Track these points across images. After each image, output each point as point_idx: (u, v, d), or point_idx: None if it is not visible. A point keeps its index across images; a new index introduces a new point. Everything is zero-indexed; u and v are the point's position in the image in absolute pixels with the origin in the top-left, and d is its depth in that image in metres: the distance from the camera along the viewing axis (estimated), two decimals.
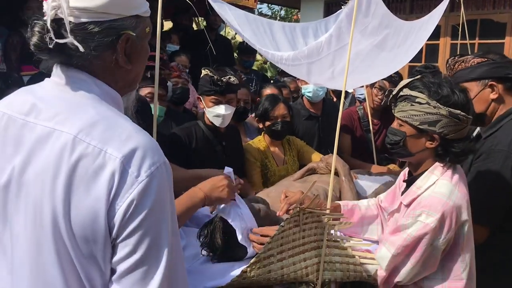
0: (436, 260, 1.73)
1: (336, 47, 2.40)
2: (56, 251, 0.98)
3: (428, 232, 1.67)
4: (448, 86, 1.72)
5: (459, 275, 1.73)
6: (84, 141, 0.96)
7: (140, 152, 0.97)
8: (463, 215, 1.71)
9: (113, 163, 0.94)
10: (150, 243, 0.97)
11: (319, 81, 2.78)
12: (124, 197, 0.94)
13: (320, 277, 1.82)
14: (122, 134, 0.98)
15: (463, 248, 1.73)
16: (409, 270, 1.74)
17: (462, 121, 1.68)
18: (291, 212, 1.78)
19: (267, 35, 2.77)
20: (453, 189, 1.71)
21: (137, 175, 0.95)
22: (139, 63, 1.14)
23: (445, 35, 7.61)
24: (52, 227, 0.96)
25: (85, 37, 1.01)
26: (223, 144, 2.82)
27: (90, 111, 1.01)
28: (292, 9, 14.41)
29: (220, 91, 2.66)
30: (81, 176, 0.94)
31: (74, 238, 0.96)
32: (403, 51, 2.65)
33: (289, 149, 3.20)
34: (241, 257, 1.95)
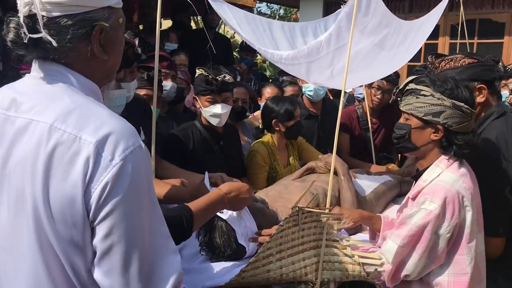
0: (442, 250, 1.72)
1: (335, 46, 2.40)
2: (37, 238, 1.00)
3: (431, 219, 1.69)
4: (453, 82, 1.77)
5: (465, 268, 1.72)
6: (60, 128, 0.98)
7: (114, 136, 0.99)
8: (466, 203, 1.71)
9: (87, 148, 0.97)
10: (127, 225, 0.99)
11: (318, 80, 2.78)
12: (99, 180, 0.96)
13: (319, 276, 1.81)
14: (97, 120, 1.00)
15: (468, 240, 1.72)
16: (416, 262, 1.73)
17: (466, 114, 1.71)
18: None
19: (267, 35, 2.77)
20: (458, 179, 1.74)
21: (111, 159, 0.97)
22: (115, 54, 1.17)
23: (444, 35, 7.61)
24: (33, 214, 0.99)
25: (59, 30, 1.04)
26: (220, 144, 2.82)
27: (65, 100, 1.04)
28: (291, 8, 14.41)
29: (215, 90, 2.65)
30: (58, 163, 0.97)
31: (54, 223, 0.98)
32: (402, 51, 2.65)
33: (292, 149, 3.20)
34: (240, 256, 1.95)
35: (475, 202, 1.74)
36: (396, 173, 3.09)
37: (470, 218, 1.72)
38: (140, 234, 1.01)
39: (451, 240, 1.73)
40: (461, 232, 1.72)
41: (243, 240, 1.91)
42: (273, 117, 3.00)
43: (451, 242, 1.73)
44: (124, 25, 1.19)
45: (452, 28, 7.30)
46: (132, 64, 2.26)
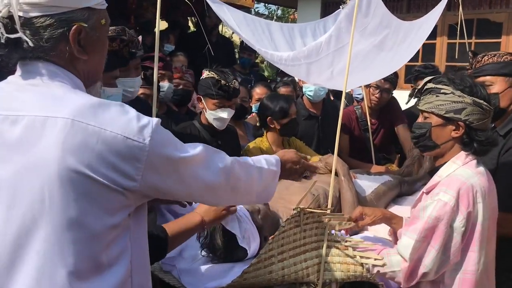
0: (458, 245, 1.71)
1: (335, 47, 2.40)
2: (67, 220, 1.01)
3: (447, 211, 1.69)
4: (471, 80, 1.81)
5: (474, 265, 1.72)
6: (82, 122, 1.01)
7: (133, 123, 1.05)
8: (479, 199, 1.72)
9: (115, 138, 1.02)
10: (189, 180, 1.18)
11: (318, 81, 2.78)
12: (141, 164, 1.04)
13: (321, 277, 1.81)
14: (111, 113, 1.05)
15: (479, 237, 1.72)
16: (434, 258, 1.71)
17: (486, 111, 1.75)
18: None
19: (266, 36, 2.76)
20: (473, 175, 1.75)
21: (143, 139, 1.04)
22: (96, 54, 1.17)
23: (442, 35, 7.62)
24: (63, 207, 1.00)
25: (36, 30, 1.05)
26: (218, 143, 2.83)
27: (73, 96, 1.06)
28: (289, 9, 14.41)
29: (227, 96, 2.68)
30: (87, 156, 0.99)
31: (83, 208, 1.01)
32: (402, 51, 2.66)
33: (289, 148, 3.20)
34: (241, 258, 1.95)
35: (488, 201, 1.74)
36: (396, 173, 3.09)
37: (481, 214, 1.72)
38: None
39: (465, 235, 1.72)
40: (473, 227, 1.72)
41: (244, 242, 1.91)
42: (268, 114, 3.03)
43: (465, 237, 1.72)
44: (108, 28, 1.20)
45: (450, 28, 7.32)
46: (127, 63, 2.26)
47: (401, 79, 6.73)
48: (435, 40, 7.64)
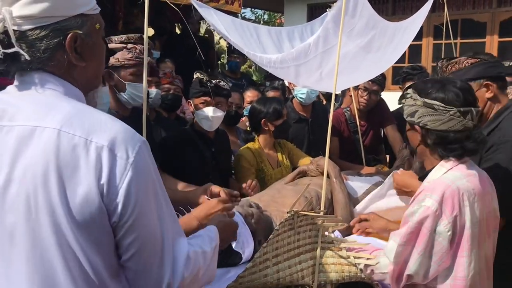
0: (446, 250, 1.66)
1: (323, 49, 2.41)
2: (57, 242, 1.01)
3: (429, 215, 1.64)
4: (438, 82, 1.76)
5: (463, 271, 1.68)
6: (69, 133, 1.00)
7: (121, 136, 1.03)
8: (466, 202, 1.65)
9: (101, 151, 1.00)
10: (149, 217, 1.07)
11: (307, 83, 2.79)
12: (121, 181, 1.01)
13: (315, 279, 1.81)
14: (101, 124, 1.04)
15: (469, 241, 1.66)
16: (416, 260, 1.67)
17: (439, 111, 1.67)
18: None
19: (254, 39, 2.77)
20: (461, 177, 1.69)
21: (126, 158, 1.02)
22: (95, 60, 1.17)
23: (428, 35, 7.72)
24: (50, 219, 1.00)
25: (32, 43, 1.05)
26: (212, 150, 2.81)
27: (65, 106, 1.05)
28: (275, 13, 14.48)
29: (208, 92, 2.67)
30: (72, 168, 0.99)
31: (75, 226, 1.00)
32: (389, 52, 2.68)
33: (282, 152, 3.21)
34: (235, 262, 1.94)
35: (480, 204, 1.69)
36: (387, 174, 3.10)
37: (469, 217, 1.66)
38: (159, 222, 1.10)
39: (454, 240, 1.67)
40: (462, 231, 1.67)
41: (238, 247, 1.90)
42: (261, 117, 3.05)
43: (454, 242, 1.67)
44: (103, 31, 1.20)
45: (436, 28, 7.40)
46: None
47: (389, 80, 6.80)
48: (421, 41, 7.73)
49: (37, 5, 1.04)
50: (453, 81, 1.75)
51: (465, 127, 1.67)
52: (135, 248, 1.06)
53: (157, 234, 1.09)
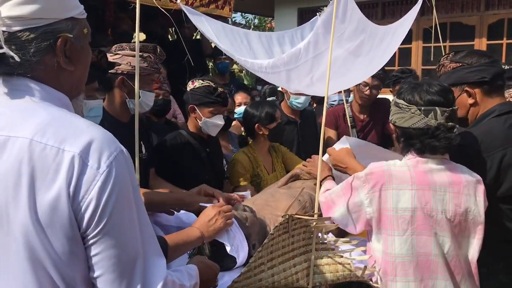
0: (362, 214, 1.84)
1: (314, 54, 2.42)
2: (28, 255, 0.98)
3: (357, 178, 1.87)
4: (418, 85, 1.85)
5: (387, 249, 1.81)
6: (41, 142, 0.97)
7: (96, 144, 0.99)
8: (389, 186, 1.79)
9: (72, 159, 0.96)
10: (119, 230, 1.01)
11: (298, 87, 2.80)
12: (89, 190, 0.97)
13: (310, 281, 1.82)
14: (76, 130, 1.00)
15: (391, 223, 1.79)
16: (339, 208, 1.91)
17: (403, 109, 1.82)
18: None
19: (244, 45, 2.78)
20: (402, 164, 1.85)
21: (97, 167, 0.98)
22: (81, 64, 1.15)
23: (417, 39, 7.78)
24: (21, 231, 0.97)
25: (21, 44, 1.02)
26: (207, 151, 2.86)
27: (41, 113, 1.02)
28: (265, 18, 14.52)
29: (223, 103, 2.76)
30: (43, 177, 0.96)
31: (46, 237, 0.97)
32: (378, 55, 2.70)
33: (276, 156, 3.22)
34: (230, 267, 1.94)
35: (418, 194, 1.77)
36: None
37: (392, 201, 1.79)
38: (132, 238, 1.03)
39: (375, 215, 1.82)
40: (381, 210, 1.81)
41: (233, 251, 1.91)
42: (255, 121, 3.06)
43: (375, 217, 1.82)
44: (90, 37, 1.18)
45: (425, 32, 7.48)
46: (106, 73, 2.29)
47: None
48: (411, 44, 7.79)
49: (27, 6, 1.01)
50: (432, 83, 1.84)
51: (427, 125, 1.77)
52: (103, 267, 1.01)
53: (128, 252, 1.02)
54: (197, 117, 2.75)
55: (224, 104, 2.77)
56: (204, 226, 1.84)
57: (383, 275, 1.83)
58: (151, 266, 1.07)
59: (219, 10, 5.40)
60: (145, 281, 1.05)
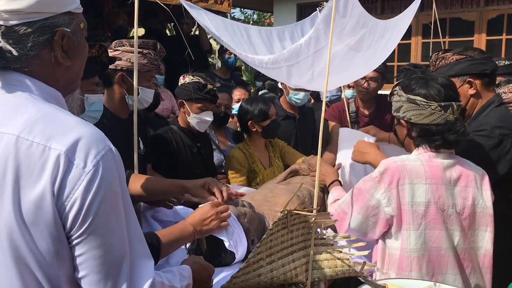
0: (381, 215, 1.80)
1: (315, 49, 2.42)
2: (12, 254, 0.98)
3: (370, 179, 1.82)
4: (422, 78, 1.84)
5: (403, 242, 1.79)
6: (27, 139, 0.96)
7: (83, 142, 0.98)
8: (405, 181, 1.76)
9: (57, 157, 0.95)
10: (104, 231, 0.99)
11: (299, 83, 2.80)
12: (73, 190, 0.96)
13: (309, 277, 1.82)
14: (65, 128, 0.99)
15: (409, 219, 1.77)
16: (355, 217, 1.87)
17: (422, 106, 1.79)
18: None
19: (244, 40, 2.77)
20: (415, 159, 1.82)
21: (83, 166, 0.96)
22: (78, 59, 1.15)
23: (416, 35, 7.76)
24: (6, 229, 0.96)
25: (19, 39, 1.02)
26: (198, 146, 2.89)
27: (30, 109, 1.01)
28: (264, 13, 14.48)
29: (213, 100, 2.76)
30: (28, 175, 0.95)
31: (30, 236, 0.96)
32: (378, 50, 2.69)
33: (273, 151, 3.22)
34: (229, 262, 1.94)
35: (432, 189, 1.77)
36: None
37: (409, 196, 1.77)
38: (118, 239, 1.02)
39: (395, 213, 1.79)
40: (400, 206, 1.78)
41: (232, 246, 1.90)
42: (248, 118, 3.05)
43: (395, 214, 1.79)
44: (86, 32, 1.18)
45: (424, 27, 7.46)
46: (107, 68, 2.29)
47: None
48: (410, 40, 7.78)
49: (25, 0, 1.01)
50: (436, 77, 1.83)
51: (446, 120, 1.77)
52: (88, 268, 0.99)
53: (114, 253, 1.01)
54: (186, 112, 2.77)
55: (213, 101, 2.78)
56: (198, 224, 1.82)
57: (398, 271, 1.82)
58: (138, 268, 1.06)
59: (218, 5, 5.38)
60: (131, 283, 1.04)
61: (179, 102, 2.80)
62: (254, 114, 3.02)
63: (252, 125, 3.06)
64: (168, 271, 1.25)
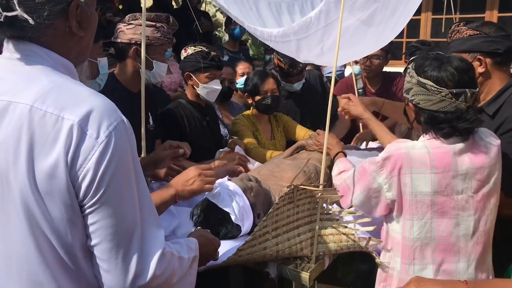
0: (382, 199, 1.78)
1: (325, 23, 2.38)
2: (27, 220, 1.00)
3: (373, 163, 1.78)
4: (437, 59, 1.73)
5: (405, 232, 1.75)
6: (41, 109, 0.97)
7: (96, 113, 0.99)
8: (407, 170, 1.70)
9: (71, 127, 0.96)
10: (117, 201, 1.02)
11: (308, 57, 2.77)
12: (87, 159, 0.97)
13: (314, 251, 1.84)
14: (77, 99, 1.00)
15: (411, 207, 1.72)
16: (357, 195, 1.86)
17: (431, 92, 1.68)
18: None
19: (253, 13, 2.74)
20: (422, 146, 1.72)
21: (96, 137, 0.98)
22: (90, 30, 1.15)
23: (426, 10, 7.63)
24: (20, 196, 0.98)
25: (35, 7, 1.01)
26: (207, 119, 2.90)
27: (43, 80, 1.02)
28: None
29: (218, 66, 2.74)
30: (41, 144, 0.97)
31: (44, 203, 0.98)
32: (390, 27, 2.65)
33: (277, 125, 3.23)
34: (234, 235, 1.96)
35: (438, 178, 1.70)
36: None
37: (410, 185, 1.70)
38: (130, 208, 1.04)
39: (396, 200, 1.75)
40: (401, 195, 1.74)
41: (238, 220, 1.92)
42: (245, 90, 3.13)
43: (396, 201, 1.76)
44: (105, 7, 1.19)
45: (434, 3, 7.32)
46: (104, 29, 2.29)
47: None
48: (420, 16, 7.64)
49: None
50: (452, 60, 1.72)
51: (457, 108, 1.67)
52: (101, 236, 1.02)
53: (126, 222, 1.04)
54: (194, 84, 2.76)
55: (219, 67, 2.75)
56: (180, 185, 1.79)
57: (402, 259, 1.79)
58: (149, 237, 1.08)
59: None
60: (142, 251, 1.06)
61: (186, 75, 2.78)
62: (248, 87, 3.09)
63: (248, 97, 3.12)
64: (176, 243, 1.27)
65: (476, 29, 2.09)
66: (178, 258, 1.18)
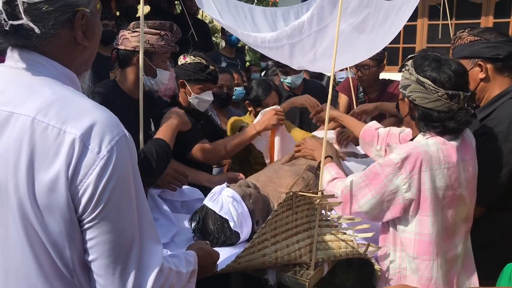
0: (398, 201, 1.80)
1: (317, 28, 2.38)
2: (25, 232, 0.99)
3: (390, 165, 1.78)
4: (437, 60, 1.79)
5: (428, 229, 1.79)
6: (43, 122, 0.97)
7: (98, 127, 0.99)
8: (426, 168, 1.75)
9: (72, 142, 0.96)
10: (116, 216, 1.01)
11: (302, 63, 2.77)
12: (87, 174, 0.97)
13: (313, 257, 1.83)
14: (80, 112, 1.00)
15: (431, 203, 1.77)
16: (368, 200, 1.84)
17: (429, 91, 1.75)
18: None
19: (248, 21, 2.75)
20: (434, 143, 1.79)
21: (98, 151, 0.97)
22: (94, 40, 1.15)
23: (423, 16, 7.66)
24: (19, 209, 0.98)
25: (41, 16, 1.01)
26: (201, 123, 2.90)
27: (46, 91, 1.01)
28: None
29: (213, 81, 2.76)
30: (42, 157, 0.96)
31: (42, 217, 0.98)
32: (382, 33, 2.65)
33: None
34: (233, 242, 1.95)
35: (449, 172, 1.78)
36: None
37: (429, 182, 1.76)
38: (128, 224, 1.04)
39: (414, 198, 1.78)
40: (420, 193, 1.78)
41: (237, 227, 1.92)
42: (247, 98, 3.15)
43: (414, 200, 1.78)
44: (101, 12, 1.19)
45: (430, 9, 7.36)
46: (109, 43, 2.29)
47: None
48: (416, 21, 7.67)
49: None
50: (450, 63, 1.79)
51: (449, 108, 1.76)
52: (98, 252, 1.01)
53: (124, 238, 1.03)
54: (187, 92, 2.77)
55: (214, 82, 2.78)
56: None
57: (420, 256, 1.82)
58: (147, 253, 1.08)
59: None
60: (140, 267, 1.05)
61: (180, 82, 2.78)
62: (250, 96, 3.12)
63: (248, 105, 3.17)
64: (175, 256, 1.27)
65: (477, 35, 2.11)
66: (176, 273, 1.18)
